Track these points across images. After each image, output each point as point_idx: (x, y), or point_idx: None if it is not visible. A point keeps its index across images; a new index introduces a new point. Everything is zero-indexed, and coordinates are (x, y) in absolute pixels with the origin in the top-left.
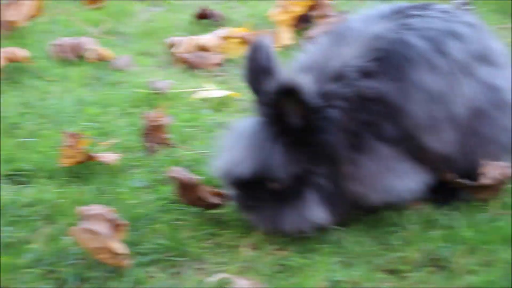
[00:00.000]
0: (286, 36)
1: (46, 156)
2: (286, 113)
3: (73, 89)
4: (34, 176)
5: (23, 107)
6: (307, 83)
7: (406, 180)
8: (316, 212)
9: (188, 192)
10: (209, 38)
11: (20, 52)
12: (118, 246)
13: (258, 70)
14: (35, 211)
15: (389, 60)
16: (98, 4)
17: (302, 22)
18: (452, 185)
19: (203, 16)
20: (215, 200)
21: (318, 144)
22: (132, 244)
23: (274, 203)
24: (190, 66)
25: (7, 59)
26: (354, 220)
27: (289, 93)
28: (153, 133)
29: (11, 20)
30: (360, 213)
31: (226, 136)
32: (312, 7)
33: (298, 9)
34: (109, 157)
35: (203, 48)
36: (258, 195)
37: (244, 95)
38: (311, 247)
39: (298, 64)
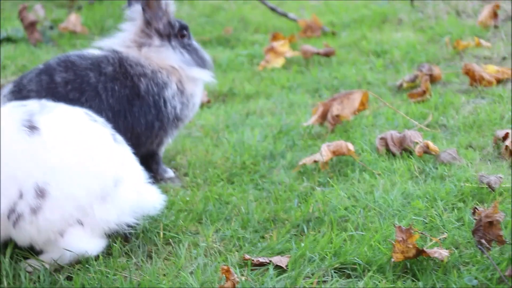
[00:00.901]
0: None
1: (376, 250)
2: None
3: (399, 182)
4: (365, 270)
5: (350, 200)
6: None
7: None
8: None
9: None
10: None
11: (346, 146)
12: None
13: None
14: None
15: None
16: (422, 97)
17: None
18: None
19: None
20: None
21: None
22: None
23: None
24: None
25: (333, 152)
26: None
27: None
28: (485, 229)
29: (337, 114)
30: None
31: None
32: None
33: None
34: (440, 253)
35: None
36: None
37: None
38: None
39: None
